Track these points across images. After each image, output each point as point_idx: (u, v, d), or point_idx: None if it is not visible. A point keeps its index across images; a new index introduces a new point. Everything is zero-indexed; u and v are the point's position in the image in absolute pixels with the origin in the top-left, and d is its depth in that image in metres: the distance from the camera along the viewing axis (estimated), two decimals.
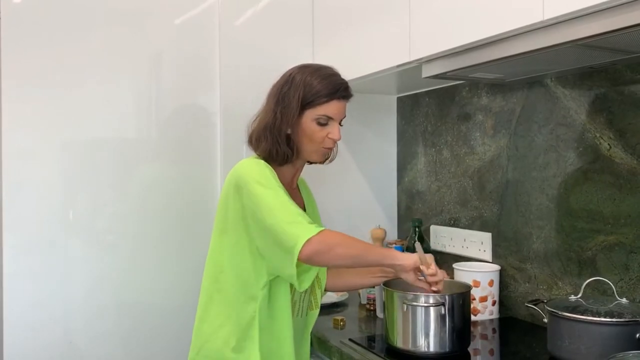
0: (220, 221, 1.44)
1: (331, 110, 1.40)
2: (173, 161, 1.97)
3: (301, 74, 1.42)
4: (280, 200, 1.31)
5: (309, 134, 1.40)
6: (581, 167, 1.58)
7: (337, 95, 1.41)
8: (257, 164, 1.39)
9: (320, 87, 1.39)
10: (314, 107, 1.39)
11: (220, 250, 1.44)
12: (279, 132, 1.40)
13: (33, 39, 1.77)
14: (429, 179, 2.16)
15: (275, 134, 1.40)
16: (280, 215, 1.29)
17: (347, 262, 1.38)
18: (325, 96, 1.39)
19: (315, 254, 1.26)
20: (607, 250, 1.51)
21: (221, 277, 1.43)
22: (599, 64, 1.44)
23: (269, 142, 1.40)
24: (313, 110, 1.39)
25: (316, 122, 1.40)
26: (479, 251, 1.90)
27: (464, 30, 1.40)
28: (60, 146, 1.82)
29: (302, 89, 1.39)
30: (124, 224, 1.90)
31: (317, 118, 1.39)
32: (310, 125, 1.40)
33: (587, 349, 1.26)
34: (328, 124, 1.41)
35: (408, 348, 1.39)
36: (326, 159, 1.52)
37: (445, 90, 2.07)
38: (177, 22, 1.97)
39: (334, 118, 1.41)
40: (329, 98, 1.39)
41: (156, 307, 1.93)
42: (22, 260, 1.76)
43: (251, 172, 1.36)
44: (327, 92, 1.39)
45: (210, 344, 1.42)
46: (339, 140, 1.44)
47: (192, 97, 2.00)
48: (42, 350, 1.78)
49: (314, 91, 1.39)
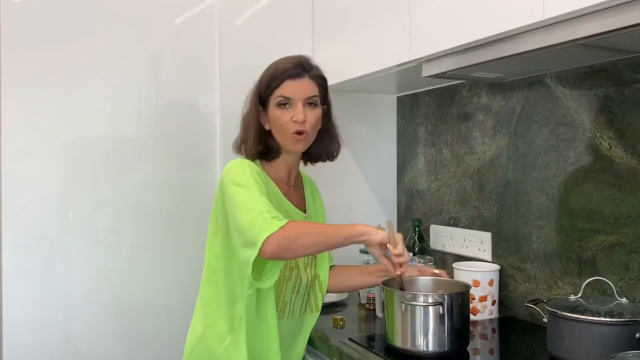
0: (212, 222, 1.45)
1: (286, 90, 1.41)
2: (173, 161, 1.97)
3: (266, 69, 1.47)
4: (251, 197, 1.32)
5: (275, 121, 1.43)
6: (581, 167, 1.58)
7: (286, 75, 1.42)
8: (239, 164, 1.41)
9: (274, 71, 1.43)
10: (271, 92, 1.42)
11: (213, 252, 1.46)
12: (249, 127, 1.44)
13: (32, 39, 1.76)
14: (429, 178, 2.16)
15: (247, 129, 1.45)
16: (246, 212, 1.30)
17: (315, 250, 1.38)
18: (277, 79, 1.42)
19: (278, 250, 1.26)
20: (607, 250, 1.51)
21: (214, 278, 1.45)
22: (599, 63, 1.43)
23: (243, 140, 1.46)
24: (272, 96, 1.42)
25: (277, 106, 1.42)
26: (478, 251, 1.90)
27: (464, 30, 1.40)
28: (60, 146, 1.81)
29: (263, 80, 1.44)
30: (123, 224, 1.90)
31: (276, 102, 1.42)
32: (273, 111, 1.43)
33: (587, 349, 1.25)
34: (289, 106, 1.41)
35: (407, 347, 1.39)
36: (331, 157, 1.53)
37: (445, 90, 2.07)
38: (177, 22, 1.97)
39: (292, 97, 1.41)
40: (280, 80, 1.42)
41: (156, 307, 1.93)
42: (22, 260, 1.76)
43: (230, 173, 1.38)
44: (279, 73, 1.42)
45: (203, 343, 1.44)
46: (302, 121, 1.40)
47: (191, 97, 2.00)
48: (42, 350, 1.78)
49: (268, 78, 1.43)
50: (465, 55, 1.44)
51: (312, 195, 1.61)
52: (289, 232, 1.27)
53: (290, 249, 1.29)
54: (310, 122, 1.42)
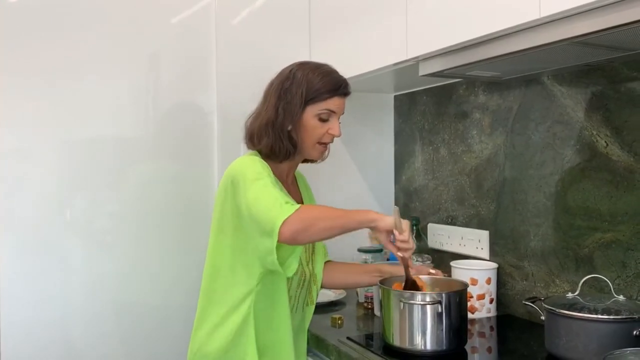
0: (217, 221, 1.44)
1: (333, 105, 1.44)
2: (170, 160, 1.97)
3: (302, 70, 1.44)
4: (265, 188, 1.32)
5: (310, 130, 1.43)
6: (578, 164, 1.58)
7: (339, 92, 1.45)
8: (251, 160, 1.40)
9: (323, 84, 1.42)
10: (316, 102, 1.42)
11: (218, 250, 1.45)
12: (281, 129, 1.42)
13: (30, 38, 1.76)
14: (426, 177, 2.16)
15: (277, 130, 1.42)
16: (261, 203, 1.30)
17: (330, 233, 1.37)
18: (327, 92, 1.42)
19: (296, 233, 1.26)
20: (604, 247, 1.51)
21: (218, 277, 1.44)
22: (596, 61, 1.44)
23: (271, 139, 1.42)
24: (315, 106, 1.42)
25: (318, 118, 1.43)
26: (476, 249, 1.90)
27: (461, 28, 1.40)
28: (58, 146, 1.81)
29: (305, 85, 1.42)
30: (121, 224, 1.89)
31: (319, 114, 1.43)
32: (311, 121, 1.43)
33: (585, 347, 1.26)
34: (329, 120, 1.44)
35: (405, 346, 1.39)
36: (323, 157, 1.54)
37: (442, 89, 2.07)
38: (174, 21, 1.96)
39: (336, 113, 1.45)
40: (331, 94, 1.43)
41: (155, 307, 1.93)
42: (20, 260, 1.76)
43: (241, 169, 1.37)
44: (329, 88, 1.43)
45: (208, 344, 1.43)
46: (338, 137, 1.47)
47: (189, 96, 2.00)
48: (41, 350, 1.78)
49: (317, 87, 1.42)
50: (462, 53, 1.44)
51: (306, 190, 1.64)
52: (305, 215, 1.28)
53: (307, 232, 1.28)
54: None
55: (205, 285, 1.47)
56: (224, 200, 1.41)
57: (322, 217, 1.32)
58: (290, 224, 1.25)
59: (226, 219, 1.41)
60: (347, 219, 1.34)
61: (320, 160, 1.55)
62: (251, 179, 1.34)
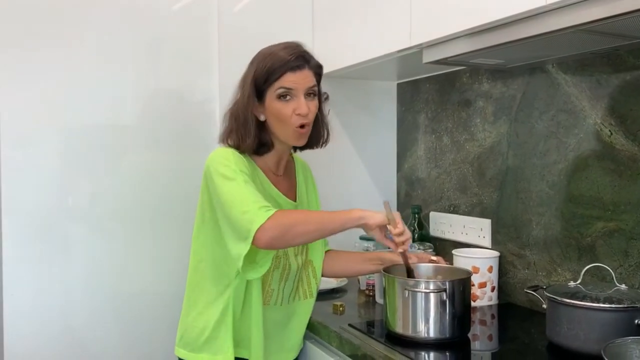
0: (199, 211, 1.45)
1: (287, 82, 1.37)
2: (172, 148, 1.96)
3: (257, 56, 1.42)
4: (237, 190, 1.31)
5: (275, 114, 1.38)
6: (582, 153, 1.57)
7: (288, 66, 1.37)
8: (224, 153, 1.38)
9: (271, 63, 1.37)
10: (271, 84, 1.37)
11: (199, 240, 1.46)
12: (245, 120, 1.38)
13: (30, 24, 1.75)
14: (429, 165, 2.16)
15: (240, 122, 1.39)
16: (235, 206, 1.29)
17: (310, 238, 1.37)
18: (276, 71, 1.36)
19: (273, 239, 1.26)
20: (606, 236, 1.51)
21: (201, 266, 1.45)
22: (601, 49, 1.42)
23: (235, 132, 1.40)
24: (271, 88, 1.37)
25: (277, 99, 1.37)
26: (478, 237, 1.90)
27: (465, 15, 1.39)
28: (59, 133, 1.81)
29: (254, 70, 1.38)
30: (123, 211, 1.89)
31: (276, 94, 1.37)
32: (273, 104, 1.38)
33: (586, 335, 1.26)
34: (290, 97, 1.38)
35: (408, 334, 1.40)
36: (318, 143, 1.50)
37: (445, 76, 2.06)
38: (175, 9, 1.95)
39: (293, 88, 1.37)
40: (280, 72, 1.36)
41: (156, 294, 1.94)
42: (22, 248, 1.76)
43: (214, 163, 1.36)
44: (278, 64, 1.36)
45: (190, 331, 1.46)
46: (306, 114, 1.38)
47: (190, 83, 1.99)
48: (42, 338, 1.79)
49: (266, 69, 1.37)
50: (466, 41, 1.43)
51: (305, 181, 1.59)
52: (282, 221, 1.27)
53: (284, 238, 1.28)
54: (312, 113, 1.40)
55: (190, 274, 1.49)
56: (202, 192, 1.42)
57: (300, 222, 1.30)
58: (266, 230, 1.24)
59: (206, 211, 1.41)
60: (328, 221, 1.32)
61: (321, 146, 1.51)
62: (222, 175, 1.33)
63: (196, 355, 1.44)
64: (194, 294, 1.47)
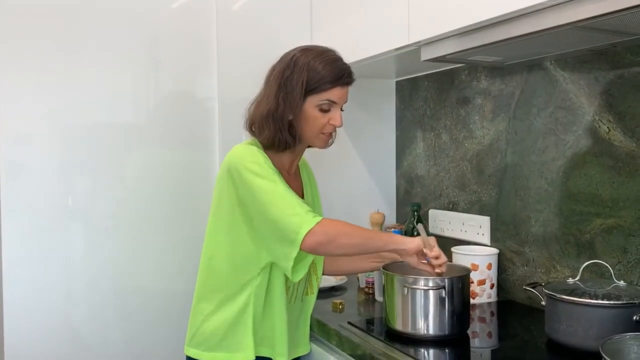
0: (215, 208, 1.43)
1: (334, 95, 1.37)
2: (172, 146, 1.97)
3: (304, 57, 1.37)
4: (279, 191, 1.31)
5: (310, 121, 1.38)
6: (580, 150, 1.58)
7: (341, 82, 1.38)
8: (250, 151, 1.36)
9: (325, 73, 1.35)
10: (317, 93, 1.36)
11: (214, 237, 1.44)
12: (282, 119, 1.37)
13: (30, 23, 1.75)
14: (428, 163, 2.16)
15: (277, 121, 1.37)
16: (280, 208, 1.29)
17: (350, 251, 1.39)
18: (329, 82, 1.36)
19: (319, 245, 1.27)
20: (605, 233, 1.51)
21: (214, 264, 1.44)
22: (599, 46, 1.42)
23: (271, 130, 1.38)
24: (316, 96, 1.36)
25: (318, 109, 1.37)
26: (477, 235, 1.90)
27: (463, 12, 1.39)
28: (59, 132, 1.81)
29: (306, 74, 1.35)
30: (123, 209, 1.90)
31: (320, 104, 1.37)
32: (312, 112, 1.37)
33: (585, 332, 1.26)
34: (330, 110, 1.39)
35: (408, 331, 1.40)
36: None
37: (444, 74, 2.06)
38: (174, 6, 1.95)
39: (337, 102, 1.39)
40: (332, 84, 1.36)
41: (157, 292, 1.94)
42: (22, 246, 1.77)
43: (244, 161, 1.34)
44: (331, 77, 1.36)
45: (203, 330, 1.43)
46: (340, 127, 1.43)
47: (190, 81, 2.00)
48: (43, 336, 1.79)
49: (318, 77, 1.35)
50: (464, 38, 1.43)
51: (309, 180, 1.60)
52: (329, 229, 1.28)
53: (328, 246, 1.29)
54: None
55: (202, 271, 1.47)
56: (220, 190, 1.39)
57: (346, 233, 1.32)
58: (314, 235, 1.26)
59: (223, 209, 1.40)
60: (372, 239, 1.36)
61: (326, 147, 1.53)
62: (256, 174, 1.31)
63: (211, 354, 1.41)
64: (206, 292, 1.45)
